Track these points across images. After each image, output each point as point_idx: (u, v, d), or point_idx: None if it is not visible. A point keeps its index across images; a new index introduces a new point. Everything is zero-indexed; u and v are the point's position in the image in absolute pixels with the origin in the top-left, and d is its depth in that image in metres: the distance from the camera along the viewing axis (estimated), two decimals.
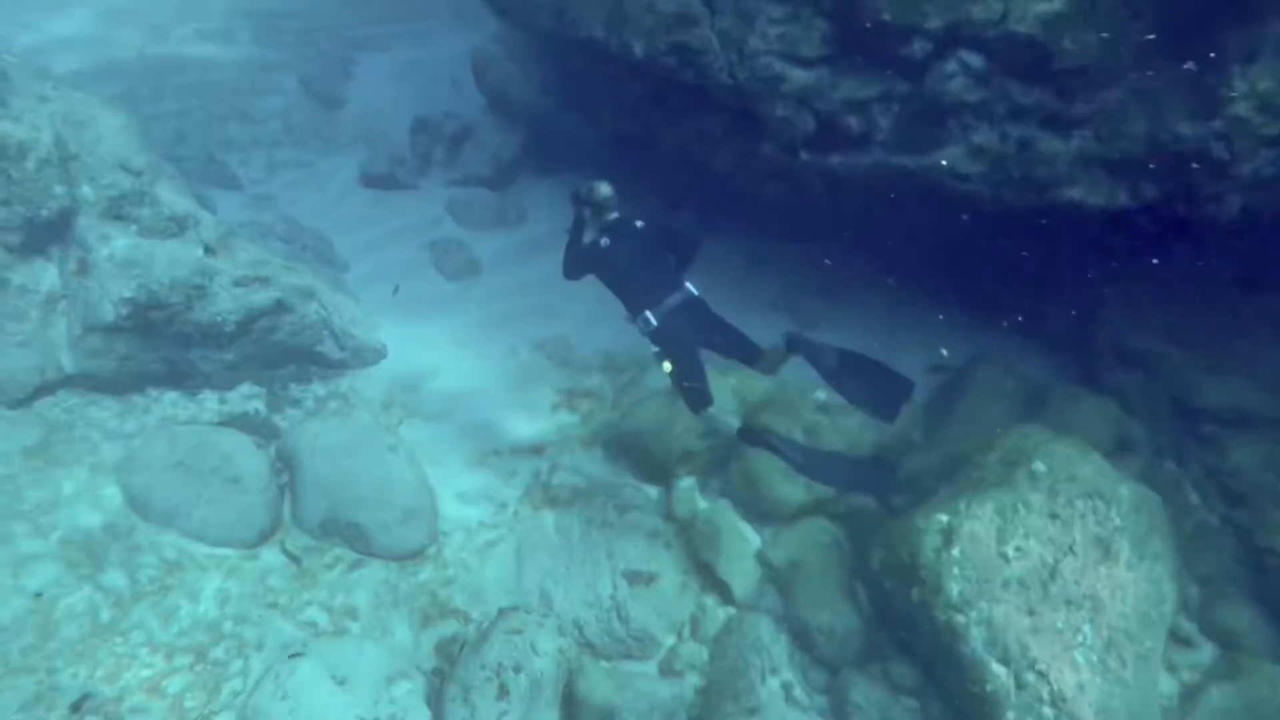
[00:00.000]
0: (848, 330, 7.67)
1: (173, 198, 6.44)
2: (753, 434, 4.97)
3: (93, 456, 5.77)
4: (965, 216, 5.99)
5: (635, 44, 5.87)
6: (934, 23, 4.95)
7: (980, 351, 7.26)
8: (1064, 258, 6.84)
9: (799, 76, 5.47)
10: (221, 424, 6.23)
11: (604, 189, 5.26)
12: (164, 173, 7.39)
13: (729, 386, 6.40)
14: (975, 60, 5.04)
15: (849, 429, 5.92)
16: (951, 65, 5.10)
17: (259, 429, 6.32)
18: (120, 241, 5.98)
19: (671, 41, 5.75)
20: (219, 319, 6.17)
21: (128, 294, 5.84)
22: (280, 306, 6.48)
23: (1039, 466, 4.92)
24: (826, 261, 7.36)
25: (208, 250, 6.25)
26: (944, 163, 5.34)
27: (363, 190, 8.94)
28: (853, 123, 5.50)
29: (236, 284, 6.29)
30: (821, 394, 6.04)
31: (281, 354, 6.71)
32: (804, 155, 5.83)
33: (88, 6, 12.48)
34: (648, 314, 5.01)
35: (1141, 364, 6.61)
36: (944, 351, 7.03)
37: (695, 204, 7.79)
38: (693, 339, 4.96)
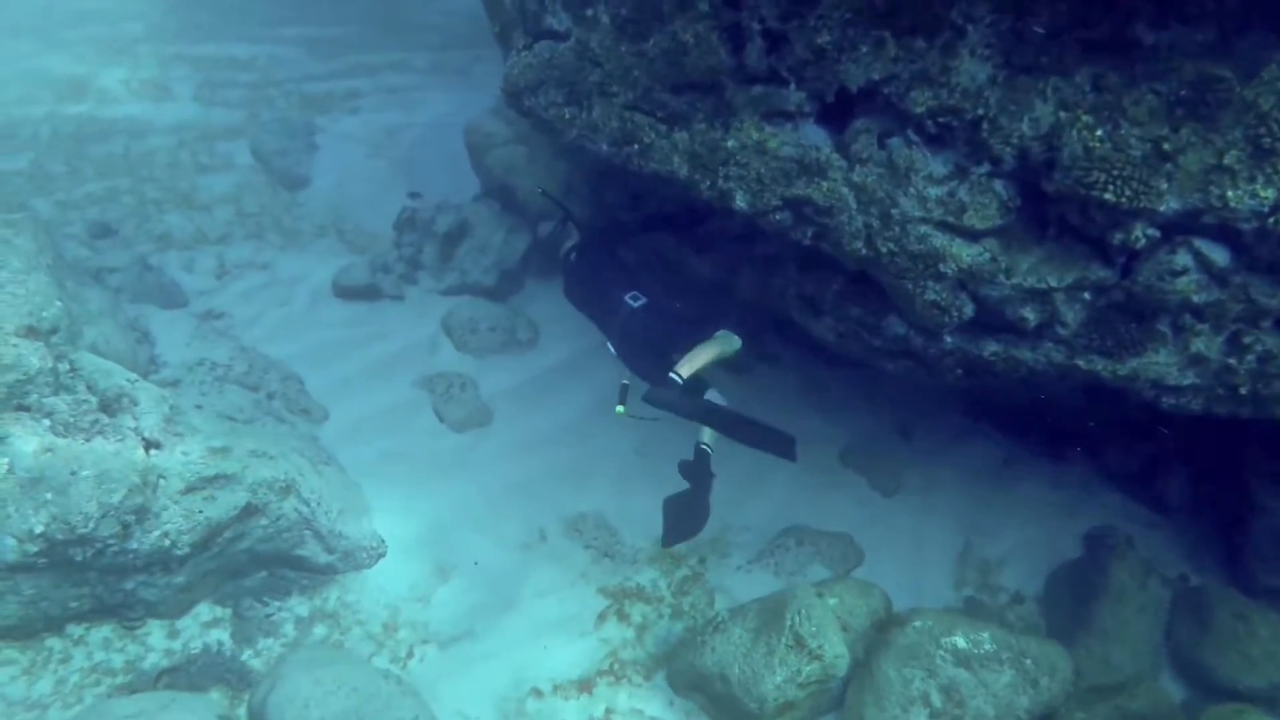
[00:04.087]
0: (938, 496, 6.45)
1: (98, 364, 4.77)
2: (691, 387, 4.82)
3: None
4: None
5: (738, 194, 4.47)
6: (1169, 205, 3.70)
7: (1100, 528, 6.16)
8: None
9: (964, 254, 4.16)
10: (173, 671, 4.67)
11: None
12: (86, 310, 5.71)
13: (829, 609, 5.10)
14: (1219, 255, 3.81)
15: (999, 690, 4.65)
16: (1183, 258, 3.86)
17: (225, 674, 4.77)
18: (25, 445, 4.28)
19: (789, 195, 4.39)
20: (167, 543, 4.55)
21: (38, 529, 4.17)
22: (249, 509, 4.89)
23: None
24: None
25: (149, 446, 4.62)
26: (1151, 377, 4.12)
27: (337, 303, 7.24)
28: (1027, 314, 4.23)
29: (190, 489, 4.66)
30: (960, 639, 4.75)
31: (249, 561, 5.10)
32: (949, 341, 4.54)
33: None
34: (609, 347, 5.24)
35: None
36: None
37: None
38: (654, 348, 4.90)
